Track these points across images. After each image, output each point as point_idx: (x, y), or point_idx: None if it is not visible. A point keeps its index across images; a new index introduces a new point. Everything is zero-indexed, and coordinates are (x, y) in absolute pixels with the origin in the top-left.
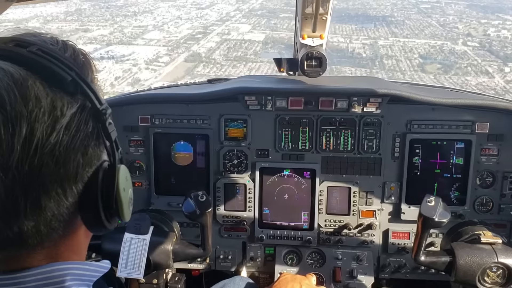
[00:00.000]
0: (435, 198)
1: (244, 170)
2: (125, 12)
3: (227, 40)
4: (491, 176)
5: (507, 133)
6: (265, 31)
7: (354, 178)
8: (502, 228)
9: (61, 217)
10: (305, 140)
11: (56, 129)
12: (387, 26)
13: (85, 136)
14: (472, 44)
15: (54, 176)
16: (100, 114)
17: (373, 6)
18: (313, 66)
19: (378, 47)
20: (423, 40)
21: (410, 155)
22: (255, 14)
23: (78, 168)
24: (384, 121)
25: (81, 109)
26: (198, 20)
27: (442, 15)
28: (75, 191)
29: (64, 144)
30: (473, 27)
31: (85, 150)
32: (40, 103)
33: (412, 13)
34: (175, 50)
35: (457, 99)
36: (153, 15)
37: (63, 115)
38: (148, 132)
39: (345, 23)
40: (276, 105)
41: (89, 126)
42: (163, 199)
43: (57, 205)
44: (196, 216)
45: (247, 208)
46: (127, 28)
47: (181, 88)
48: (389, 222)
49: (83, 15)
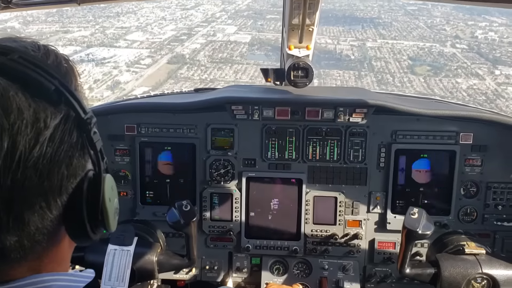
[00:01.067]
0: (418, 210)
1: (230, 179)
2: (108, 13)
3: (212, 42)
4: (475, 187)
5: (490, 144)
6: (251, 32)
7: (340, 188)
8: (486, 238)
9: (45, 230)
10: (291, 150)
11: (39, 142)
12: (375, 28)
13: (69, 147)
14: (460, 46)
15: (38, 190)
16: (85, 123)
17: (360, 7)
18: (300, 77)
19: (367, 49)
20: (411, 42)
21: (395, 165)
22: (241, 15)
23: (63, 180)
24: (369, 131)
25: (65, 119)
26: (182, 21)
27: (429, 17)
28: (59, 203)
29: (48, 157)
30: (461, 29)
31: (70, 161)
32: (23, 115)
33: (399, 15)
34: (158, 52)
35: (441, 110)
36: (137, 15)
37: (47, 126)
38: (134, 141)
39: (333, 24)
40: (263, 114)
41: (74, 136)
42: (148, 209)
43: (41, 218)
44: (181, 226)
45: (234, 218)
46: (109, 29)
47: (167, 97)
48: (375, 231)
49: (64, 16)
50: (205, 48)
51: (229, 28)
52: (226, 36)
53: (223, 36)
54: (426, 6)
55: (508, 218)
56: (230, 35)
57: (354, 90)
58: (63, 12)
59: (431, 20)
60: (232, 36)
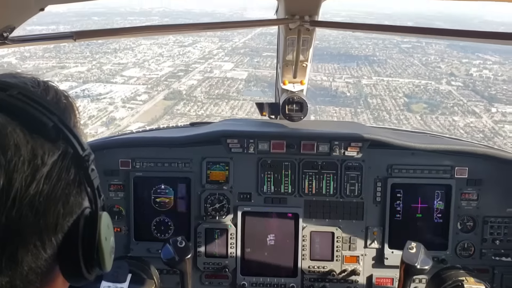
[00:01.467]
0: (416, 244)
1: (226, 214)
2: (105, 49)
3: (209, 78)
4: (472, 221)
5: (485, 178)
6: (247, 69)
7: (337, 223)
8: (485, 273)
9: (39, 269)
10: (287, 184)
11: (36, 179)
12: (370, 65)
13: (66, 185)
14: (456, 83)
15: (33, 228)
16: (83, 160)
17: (355, 45)
18: (295, 111)
19: (362, 86)
20: (406, 79)
21: (391, 200)
22: (238, 52)
23: (59, 218)
24: (365, 165)
25: (63, 156)
26: (180, 57)
27: (423, 55)
28: (54, 242)
29: (44, 194)
30: (455, 66)
31: (66, 199)
32: (20, 152)
33: (394, 53)
34: (154, 88)
35: (436, 144)
36: (134, 52)
37: (44, 163)
38: (129, 176)
39: (328, 62)
40: (259, 148)
41: (71, 173)
42: (142, 245)
43: (35, 258)
44: (175, 262)
45: (229, 254)
46: (106, 65)
47: (163, 131)
48: (373, 267)
49: (61, 51)
50: (202, 84)
51: (226, 65)
52: (223, 72)
53: (220, 72)
54: (420, 44)
55: (506, 253)
56: (227, 72)
57: (349, 124)
58: (60, 48)
59: (426, 57)
60: (229, 72)
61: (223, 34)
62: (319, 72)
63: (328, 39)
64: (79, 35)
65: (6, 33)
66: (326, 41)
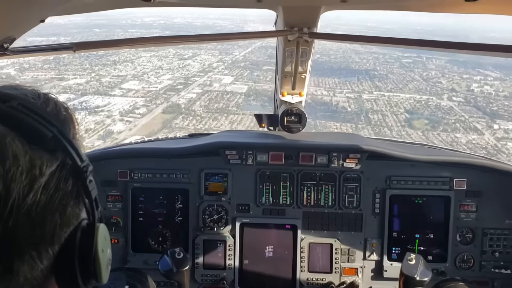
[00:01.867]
0: (415, 256)
1: (224, 225)
2: (105, 61)
3: (208, 91)
4: (471, 233)
5: (484, 189)
6: (247, 83)
7: (336, 234)
8: (484, 285)
9: (35, 281)
10: (286, 195)
11: (34, 189)
12: (371, 80)
13: (64, 195)
14: (457, 99)
15: (30, 239)
16: (81, 171)
17: (356, 59)
18: (293, 122)
19: (363, 101)
20: (407, 94)
21: (390, 211)
22: (238, 66)
23: (55, 229)
24: (363, 177)
25: (61, 167)
26: (179, 70)
27: (424, 70)
28: (50, 253)
29: (41, 205)
30: (456, 82)
31: (64, 210)
32: (18, 162)
33: (394, 67)
34: (153, 101)
35: (435, 156)
36: (134, 64)
37: (42, 174)
38: (127, 186)
39: (328, 76)
40: (257, 159)
41: (69, 184)
42: (139, 257)
43: (30, 268)
44: (173, 274)
45: (227, 266)
46: (105, 78)
47: (161, 143)
48: (372, 279)
49: (61, 63)
50: (201, 98)
51: (225, 78)
52: (222, 86)
53: (219, 86)
54: (421, 59)
55: (505, 265)
56: (227, 85)
57: (348, 136)
58: (59, 60)
59: (427, 72)
60: (228, 86)
61: (223, 47)
62: (319, 87)
63: (329, 53)
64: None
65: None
66: (326, 55)
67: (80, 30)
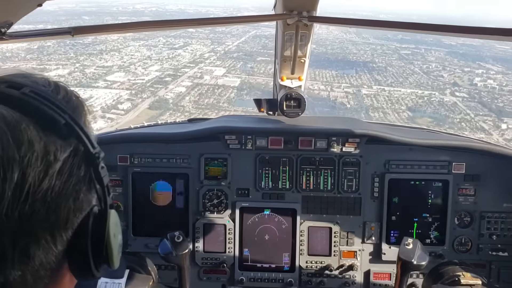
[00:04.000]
0: (413, 240)
1: (224, 209)
2: (91, 51)
3: (198, 85)
4: (469, 216)
5: (483, 173)
6: (240, 75)
7: (335, 218)
8: (482, 268)
9: (49, 265)
10: (285, 179)
11: (48, 174)
12: (369, 73)
13: (77, 181)
14: (460, 94)
15: (45, 223)
16: (93, 158)
17: (353, 51)
18: (292, 107)
19: (362, 97)
20: (408, 89)
21: (389, 195)
22: (231, 56)
23: (69, 214)
24: (362, 161)
25: (74, 153)
26: (169, 61)
27: (424, 62)
28: (64, 238)
29: (56, 190)
30: (458, 75)
31: (77, 195)
32: (33, 148)
33: (393, 59)
34: (139, 95)
35: (433, 140)
36: (121, 54)
37: (56, 159)
38: (127, 171)
39: (325, 68)
40: (256, 144)
41: (82, 170)
42: (140, 241)
43: (45, 253)
44: (173, 257)
45: (227, 249)
46: (89, 68)
47: (161, 127)
48: (370, 262)
49: (44, 52)
50: (191, 93)
51: (217, 70)
52: (214, 78)
53: (210, 78)
54: (420, 51)
55: (503, 248)
56: (218, 78)
57: (347, 120)
58: (43, 49)
59: (427, 65)
60: (220, 79)
61: (216, 37)
62: (316, 81)
63: (325, 43)
64: (77, 31)
65: (4, 28)
66: (323, 45)
67: (69, 18)
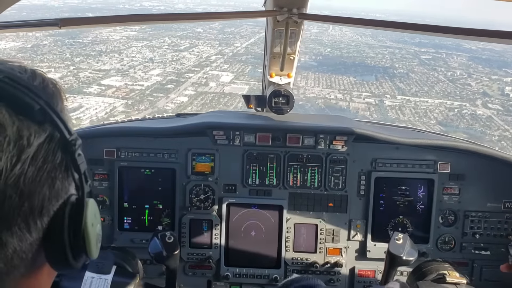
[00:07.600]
0: (403, 236)
1: (210, 205)
2: (89, 51)
3: (202, 94)
4: (453, 215)
5: (467, 173)
6: (249, 81)
7: (321, 215)
8: (464, 266)
9: (24, 254)
10: (272, 176)
11: (21, 160)
12: (391, 80)
13: (52, 168)
14: (494, 106)
15: (18, 210)
16: (69, 144)
17: (370, 54)
18: (281, 104)
19: (386, 108)
20: (436, 100)
21: (375, 193)
22: (239, 60)
23: (44, 201)
24: (350, 159)
25: (49, 139)
26: (172, 64)
27: (447, 69)
28: (39, 226)
29: (29, 176)
30: (486, 84)
31: (52, 183)
32: (5, 132)
33: (414, 64)
34: (135, 106)
35: (420, 139)
36: (121, 55)
37: (30, 144)
38: (113, 165)
39: (342, 74)
40: (244, 140)
41: (57, 157)
42: (126, 235)
43: (19, 241)
44: (163, 257)
45: (213, 245)
46: (85, 72)
47: (148, 122)
48: (355, 259)
49: (38, 52)
50: (193, 103)
51: (224, 76)
52: (220, 86)
53: (216, 86)
54: (441, 55)
55: (485, 247)
56: (225, 85)
57: (335, 118)
58: (38, 48)
59: (451, 72)
60: (227, 86)
61: (224, 37)
62: (332, 89)
63: (340, 46)
64: (64, 23)
65: None
66: (337, 48)
67: (72, 14)
